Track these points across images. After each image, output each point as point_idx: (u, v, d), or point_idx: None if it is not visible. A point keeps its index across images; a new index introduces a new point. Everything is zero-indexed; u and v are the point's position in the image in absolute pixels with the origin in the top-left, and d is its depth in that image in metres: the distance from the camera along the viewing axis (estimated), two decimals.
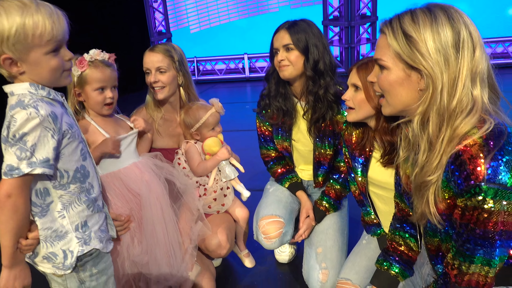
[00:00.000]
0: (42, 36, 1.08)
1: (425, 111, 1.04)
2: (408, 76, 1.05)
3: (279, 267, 2.20)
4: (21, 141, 1.06)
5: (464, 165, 0.96)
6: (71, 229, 1.22)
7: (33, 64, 1.10)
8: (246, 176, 2.06)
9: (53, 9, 1.11)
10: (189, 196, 1.83)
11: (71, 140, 1.18)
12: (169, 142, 2.03)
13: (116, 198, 1.64)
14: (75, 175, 1.20)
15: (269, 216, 1.90)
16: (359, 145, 1.60)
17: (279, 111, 1.90)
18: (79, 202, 1.23)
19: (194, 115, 1.92)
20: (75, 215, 1.22)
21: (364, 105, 1.46)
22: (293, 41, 1.75)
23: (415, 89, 1.06)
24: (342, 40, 6.75)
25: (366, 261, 1.68)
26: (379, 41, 1.11)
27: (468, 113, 1.00)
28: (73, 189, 1.21)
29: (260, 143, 2.08)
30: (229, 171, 1.91)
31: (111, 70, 1.68)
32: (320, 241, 1.89)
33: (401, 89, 1.08)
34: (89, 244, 1.25)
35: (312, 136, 1.88)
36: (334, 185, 1.95)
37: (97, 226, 1.29)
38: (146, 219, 1.68)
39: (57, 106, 1.17)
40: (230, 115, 4.95)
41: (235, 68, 7.64)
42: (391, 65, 1.07)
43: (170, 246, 1.72)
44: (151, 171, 1.75)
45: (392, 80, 1.08)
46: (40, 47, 1.09)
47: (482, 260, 1.01)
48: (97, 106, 1.67)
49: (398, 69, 1.06)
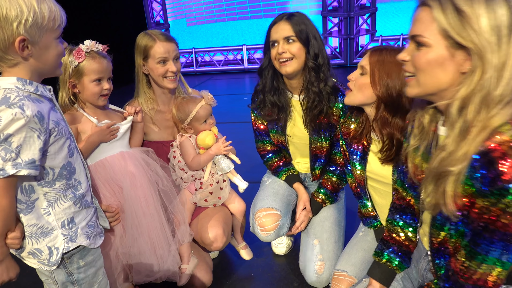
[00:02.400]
0: (56, 20, 1.11)
1: (468, 95, 0.93)
2: (452, 56, 0.95)
3: (276, 259, 2.21)
4: (6, 142, 1.05)
5: (493, 164, 0.90)
6: (57, 226, 1.22)
7: (43, 48, 1.11)
8: (244, 168, 2.06)
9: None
10: (168, 198, 1.80)
11: (57, 138, 1.17)
12: (163, 134, 2.02)
13: (104, 189, 1.64)
14: (61, 172, 1.20)
15: (265, 208, 1.90)
16: (356, 136, 1.59)
17: (274, 106, 1.87)
18: (65, 199, 1.22)
19: (184, 109, 1.89)
20: (61, 212, 1.22)
21: (365, 90, 1.44)
22: (295, 32, 1.69)
23: (456, 71, 0.96)
24: (341, 31, 6.70)
25: (362, 253, 1.69)
26: (420, 15, 0.98)
27: (506, 103, 0.92)
28: (59, 186, 1.20)
29: (256, 137, 2.07)
30: (224, 164, 1.90)
31: (107, 61, 1.67)
32: (316, 233, 1.90)
33: (440, 70, 0.97)
34: (75, 241, 1.25)
35: (308, 129, 1.86)
36: (331, 177, 1.94)
37: (84, 222, 1.29)
38: (128, 211, 1.67)
39: (44, 103, 1.15)
40: (228, 107, 4.98)
41: (233, 59, 7.60)
42: (432, 42, 0.96)
43: (156, 239, 1.71)
44: (137, 163, 1.73)
45: (431, 58, 0.97)
46: (52, 31, 1.12)
47: (496, 260, 0.97)
48: (93, 97, 1.66)
49: (441, 47, 0.95)
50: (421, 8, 0.99)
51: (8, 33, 1.04)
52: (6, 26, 1.04)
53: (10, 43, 1.06)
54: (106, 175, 1.68)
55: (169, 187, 1.81)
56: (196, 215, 1.95)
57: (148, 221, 1.70)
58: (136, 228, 1.68)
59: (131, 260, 1.70)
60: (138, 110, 1.83)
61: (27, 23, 1.05)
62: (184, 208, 1.87)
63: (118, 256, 1.68)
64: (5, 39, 1.05)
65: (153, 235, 1.71)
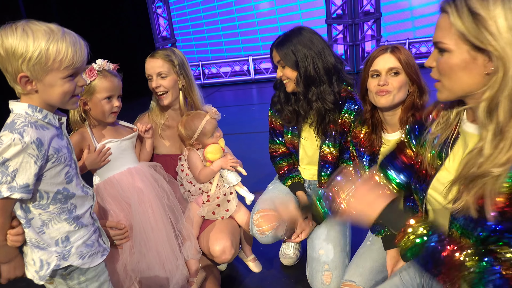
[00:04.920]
0: (62, 62, 1.14)
1: (493, 96, 0.94)
2: (474, 59, 0.95)
3: (284, 270, 2.20)
4: (3, 166, 1.11)
5: None
6: (52, 243, 1.26)
7: (47, 86, 1.15)
8: (252, 179, 2.07)
9: (77, 39, 1.18)
10: (174, 215, 1.82)
11: (55, 164, 1.20)
12: (172, 148, 2.05)
13: (113, 205, 1.67)
14: (55, 196, 1.23)
15: (263, 210, 1.91)
16: (368, 140, 1.62)
17: (293, 114, 1.93)
18: (59, 219, 1.26)
19: (190, 126, 1.93)
20: (55, 231, 1.25)
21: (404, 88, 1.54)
22: (281, 57, 1.81)
23: (480, 73, 0.96)
24: (346, 38, 6.72)
25: (371, 262, 1.68)
26: (439, 21, 1.00)
27: None
28: (53, 209, 1.24)
29: (270, 136, 2.12)
30: (231, 177, 1.92)
31: (118, 79, 1.73)
32: (321, 243, 1.89)
33: (464, 73, 0.98)
34: (67, 260, 1.27)
35: (319, 136, 1.92)
36: None
37: (81, 240, 1.31)
38: (136, 227, 1.70)
39: (49, 130, 1.20)
40: (236, 117, 5.01)
41: (240, 70, 7.66)
42: (453, 47, 0.97)
43: (164, 253, 1.73)
44: (145, 178, 1.76)
45: (454, 63, 0.98)
46: (58, 72, 1.15)
47: None
48: (104, 115, 1.71)
49: (462, 52, 0.96)
50: (440, 15, 1.00)
51: (14, 68, 1.12)
52: (13, 61, 1.11)
53: (16, 77, 1.13)
54: (115, 192, 1.72)
55: (174, 203, 1.83)
56: (204, 227, 1.96)
57: (156, 236, 1.72)
58: (144, 243, 1.70)
59: (141, 275, 1.72)
60: (148, 128, 1.87)
61: (30, 62, 1.10)
62: (190, 224, 1.89)
63: (126, 272, 1.70)
64: (13, 73, 1.13)
65: (161, 250, 1.73)
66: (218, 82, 7.68)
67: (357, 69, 6.75)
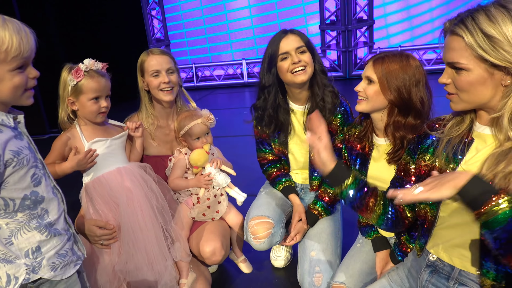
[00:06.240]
0: (8, 52, 1.03)
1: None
2: (491, 74, 1.03)
3: (275, 272, 2.21)
4: None
5: None
6: (21, 255, 1.15)
7: None
8: (243, 182, 2.08)
9: (21, 26, 1.07)
10: (162, 217, 1.81)
11: (17, 168, 1.09)
12: (162, 149, 2.05)
13: (102, 205, 1.66)
14: (22, 203, 1.12)
15: (258, 217, 1.91)
16: (360, 136, 1.64)
17: (272, 122, 1.93)
18: (29, 228, 1.15)
19: (181, 121, 1.94)
20: (24, 241, 1.15)
21: (376, 97, 1.50)
22: (305, 42, 1.80)
23: (498, 85, 1.04)
24: (339, 44, 6.78)
25: (360, 264, 1.69)
26: (452, 43, 1.07)
27: None
28: (21, 217, 1.13)
29: (257, 146, 2.11)
30: (220, 179, 1.92)
31: (105, 79, 1.71)
32: (313, 245, 1.90)
33: (482, 87, 1.05)
34: (37, 273, 1.17)
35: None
36: (328, 189, 1.96)
37: (53, 251, 1.20)
38: (124, 228, 1.69)
39: (3, 132, 1.08)
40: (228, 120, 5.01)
41: (233, 73, 7.68)
42: (472, 66, 1.04)
43: (153, 254, 1.72)
44: (134, 178, 1.75)
45: (473, 80, 1.05)
46: (5, 63, 1.04)
47: None
48: (91, 115, 1.70)
49: (480, 69, 1.04)
50: (451, 37, 1.07)
51: None
52: None
53: None
54: (104, 192, 1.71)
55: (163, 204, 1.82)
56: (194, 229, 1.96)
57: (144, 236, 1.71)
58: (133, 244, 1.69)
59: (129, 276, 1.71)
60: (138, 125, 1.87)
61: None
62: (180, 225, 1.89)
63: (115, 272, 1.68)
64: None
65: (150, 251, 1.72)
66: (211, 85, 7.67)
67: (349, 75, 6.80)
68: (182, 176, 1.95)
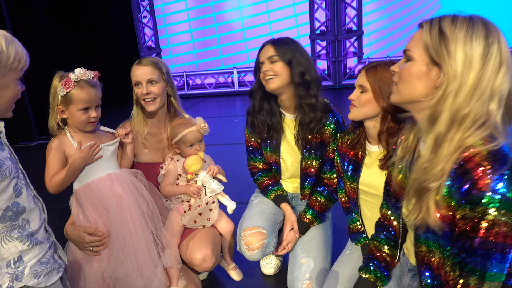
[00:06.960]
0: (21, 61, 1.12)
1: (435, 105, 1.04)
2: (429, 71, 1.07)
3: (265, 279, 2.21)
4: None
5: (468, 174, 0.96)
6: (2, 265, 1.16)
7: (2, 87, 1.11)
8: (234, 189, 2.08)
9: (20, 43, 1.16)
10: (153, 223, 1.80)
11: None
12: (153, 156, 2.05)
13: (92, 211, 1.65)
14: (4, 214, 1.13)
15: (251, 227, 1.91)
16: (353, 143, 1.67)
17: (264, 125, 1.95)
18: (10, 238, 1.16)
19: (174, 129, 1.94)
20: (6, 251, 1.16)
21: (369, 105, 1.52)
22: (277, 52, 1.81)
23: (430, 86, 1.07)
24: (329, 54, 6.88)
25: (349, 270, 1.71)
26: (415, 34, 1.12)
27: (479, 126, 1.00)
28: (2, 228, 1.14)
29: (248, 154, 2.12)
30: (214, 186, 1.92)
31: (96, 90, 1.69)
32: (304, 252, 1.91)
33: (418, 82, 1.09)
34: (20, 281, 1.18)
35: (299, 147, 1.93)
36: (319, 198, 1.98)
37: (35, 259, 1.21)
38: (114, 234, 1.67)
39: None
40: (219, 128, 5.02)
41: (224, 82, 7.72)
42: (416, 56, 1.08)
43: (142, 260, 1.71)
44: (124, 185, 1.75)
45: (413, 71, 1.09)
46: (15, 72, 1.13)
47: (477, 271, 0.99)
48: (80, 124, 1.70)
49: (422, 63, 1.07)
50: (418, 29, 1.12)
51: None
52: None
53: None
54: (94, 198, 1.70)
55: (154, 211, 1.81)
56: (185, 236, 1.95)
57: (134, 243, 1.70)
58: (122, 250, 1.68)
59: (118, 283, 1.69)
60: (128, 131, 1.87)
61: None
62: (171, 232, 1.88)
63: (104, 279, 1.67)
64: None
65: (139, 257, 1.71)
66: (202, 93, 7.70)
67: (339, 84, 6.89)
68: (173, 183, 1.96)
